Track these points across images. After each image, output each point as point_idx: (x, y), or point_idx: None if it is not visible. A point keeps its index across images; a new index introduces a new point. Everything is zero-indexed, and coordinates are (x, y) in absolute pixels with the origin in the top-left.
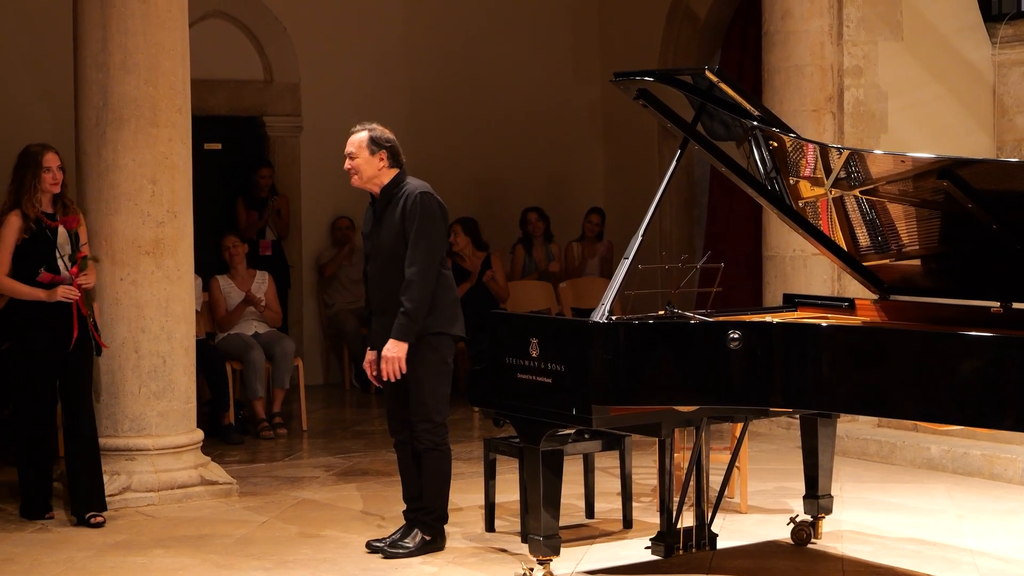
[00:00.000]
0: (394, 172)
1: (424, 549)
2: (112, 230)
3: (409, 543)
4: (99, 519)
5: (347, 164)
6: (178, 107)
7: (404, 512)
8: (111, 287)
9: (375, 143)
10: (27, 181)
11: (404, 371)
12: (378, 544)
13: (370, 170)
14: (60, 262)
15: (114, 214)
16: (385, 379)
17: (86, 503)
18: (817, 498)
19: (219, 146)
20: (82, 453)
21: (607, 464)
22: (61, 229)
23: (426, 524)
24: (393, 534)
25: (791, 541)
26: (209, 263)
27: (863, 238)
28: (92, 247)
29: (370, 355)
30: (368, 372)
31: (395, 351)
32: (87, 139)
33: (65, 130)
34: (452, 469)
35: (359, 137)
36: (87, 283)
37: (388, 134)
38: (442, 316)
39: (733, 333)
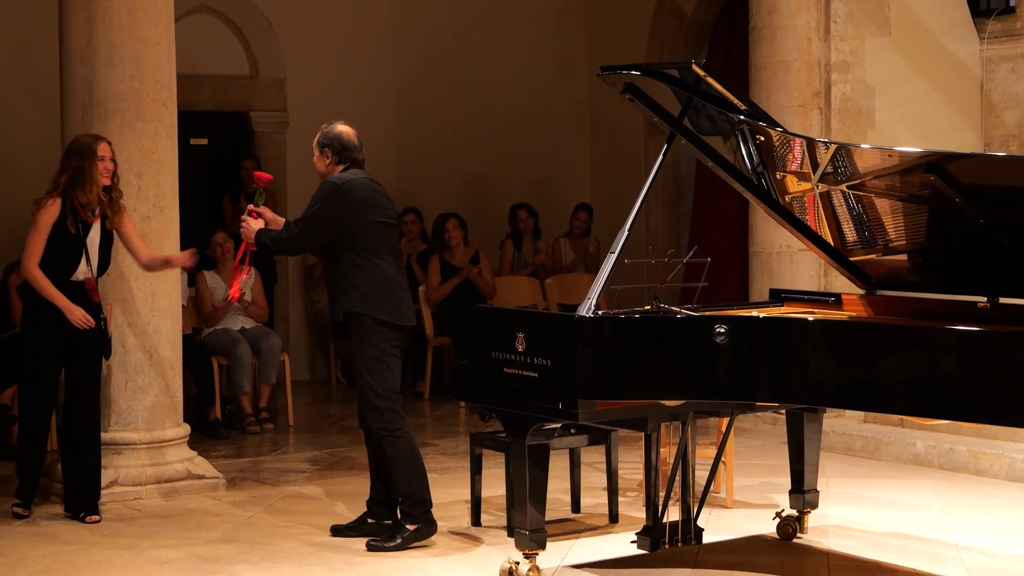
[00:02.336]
0: (341, 167)
1: (413, 538)
2: None
3: (398, 536)
4: (95, 518)
5: None
6: (164, 102)
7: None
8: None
9: (319, 142)
10: (84, 171)
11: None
12: (341, 527)
13: (321, 167)
14: (84, 259)
15: None
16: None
17: (84, 502)
18: (803, 493)
19: (205, 141)
20: (85, 450)
21: (593, 459)
22: (95, 226)
23: (405, 513)
24: (353, 521)
25: (777, 536)
26: None
27: (850, 233)
28: None
29: None
30: None
31: (248, 228)
32: (72, 133)
33: (51, 124)
34: (436, 463)
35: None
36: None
37: (336, 131)
38: (367, 300)
39: (719, 328)
